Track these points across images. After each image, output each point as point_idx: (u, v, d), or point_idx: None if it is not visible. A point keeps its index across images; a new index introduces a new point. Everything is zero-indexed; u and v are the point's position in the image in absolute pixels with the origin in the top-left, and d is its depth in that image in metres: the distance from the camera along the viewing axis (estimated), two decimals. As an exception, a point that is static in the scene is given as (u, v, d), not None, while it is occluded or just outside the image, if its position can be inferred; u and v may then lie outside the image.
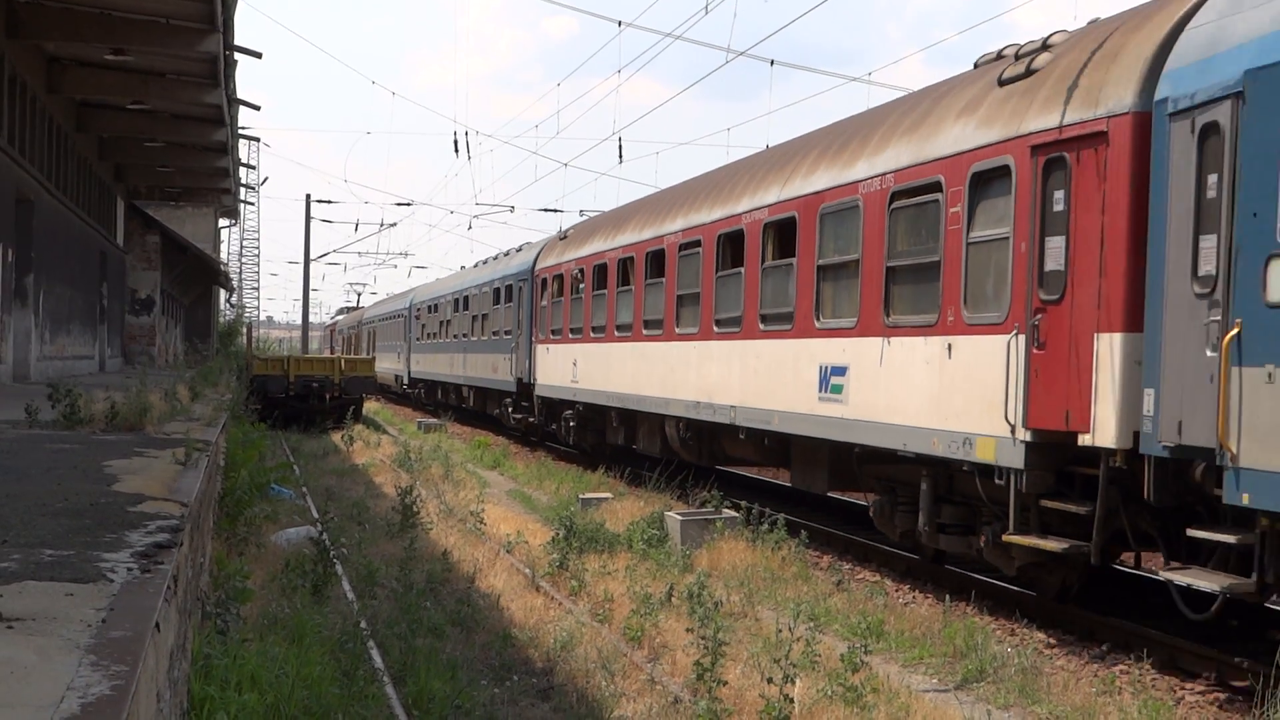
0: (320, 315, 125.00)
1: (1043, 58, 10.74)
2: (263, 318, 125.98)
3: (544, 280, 26.30)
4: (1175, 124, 8.77)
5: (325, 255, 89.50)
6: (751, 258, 15.52)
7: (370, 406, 42.42)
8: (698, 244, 17.33)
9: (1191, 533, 8.72)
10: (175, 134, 25.18)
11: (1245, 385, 7.98)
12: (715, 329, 16.62)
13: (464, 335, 35.30)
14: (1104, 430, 9.32)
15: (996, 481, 10.47)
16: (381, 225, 59.13)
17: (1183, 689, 8.95)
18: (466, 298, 35.46)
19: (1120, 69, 9.54)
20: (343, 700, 7.23)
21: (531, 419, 27.49)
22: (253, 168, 48.63)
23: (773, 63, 24.57)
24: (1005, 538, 10.32)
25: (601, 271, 22.03)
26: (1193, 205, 8.56)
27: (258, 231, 74.23)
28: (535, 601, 11.49)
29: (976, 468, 10.77)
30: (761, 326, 15.16)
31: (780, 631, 8.31)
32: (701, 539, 14.13)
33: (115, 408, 11.26)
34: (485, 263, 36.28)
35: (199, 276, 44.81)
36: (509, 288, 29.65)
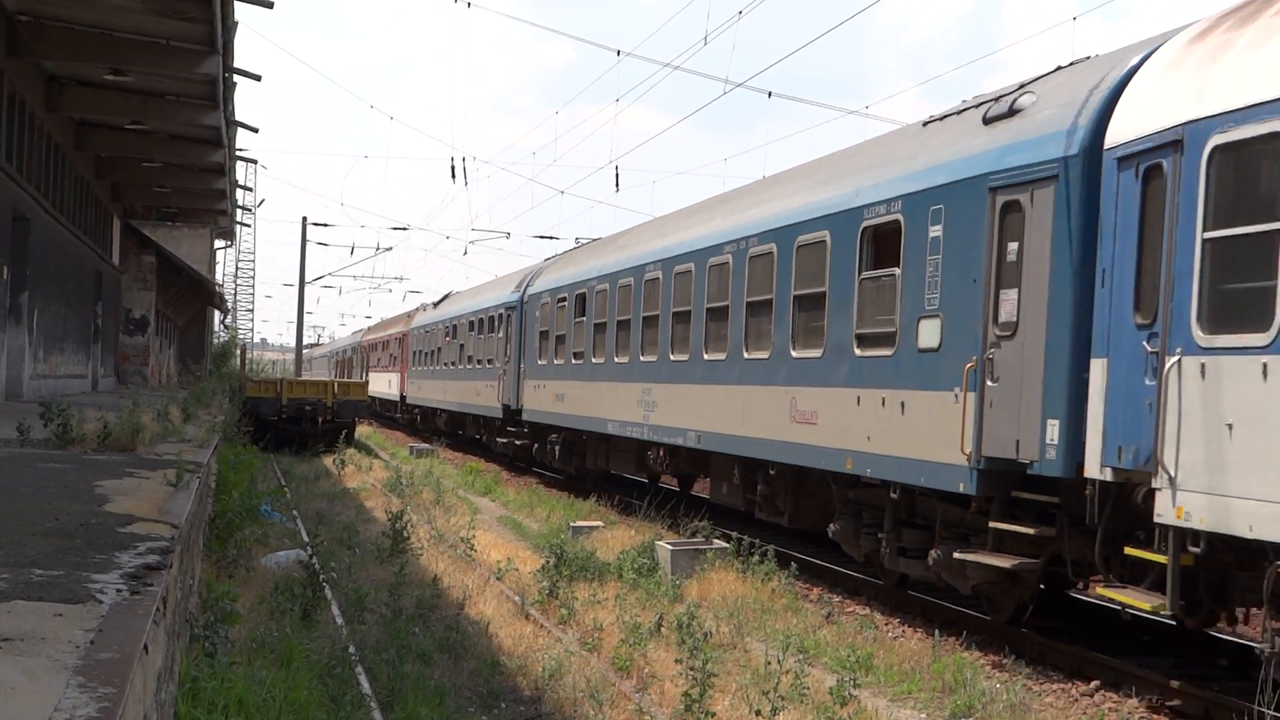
0: (313, 339, 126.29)
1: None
2: (257, 340, 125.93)
3: (369, 344, 59.71)
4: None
5: (321, 278, 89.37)
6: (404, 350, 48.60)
7: (360, 430, 42.52)
8: (396, 339, 49.92)
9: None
10: (173, 154, 25.21)
11: None
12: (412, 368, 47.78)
13: (360, 369, 67.41)
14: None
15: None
16: (377, 249, 59.78)
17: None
18: (350, 347, 73.29)
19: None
20: (329, 725, 7.21)
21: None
22: (250, 189, 48.85)
23: (770, 94, 24.66)
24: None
25: (382, 344, 55.56)
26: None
27: (253, 253, 74.29)
28: (524, 629, 11.46)
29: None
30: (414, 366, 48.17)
31: (769, 663, 8.30)
32: (692, 569, 14.11)
33: (107, 428, 11.22)
34: (353, 333, 78.06)
35: (194, 297, 44.82)
36: (357, 345, 66.74)
